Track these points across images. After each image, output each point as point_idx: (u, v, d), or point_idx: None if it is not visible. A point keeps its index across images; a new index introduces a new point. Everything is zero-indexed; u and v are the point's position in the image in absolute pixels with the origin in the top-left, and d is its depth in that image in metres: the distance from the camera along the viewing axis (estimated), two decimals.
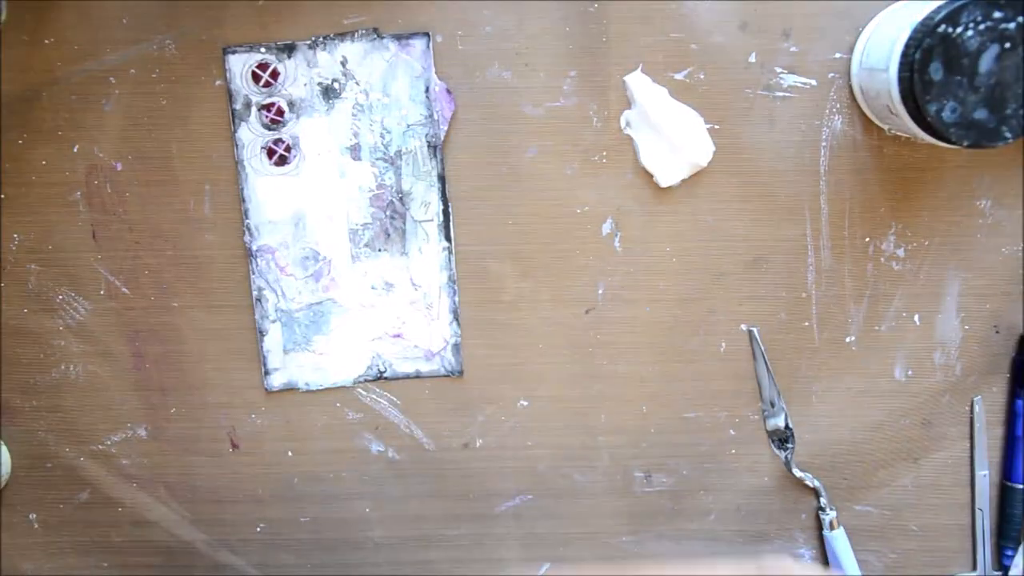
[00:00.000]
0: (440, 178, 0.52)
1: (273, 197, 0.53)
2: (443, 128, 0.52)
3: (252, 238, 0.53)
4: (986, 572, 0.55)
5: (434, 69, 0.51)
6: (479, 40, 0.51)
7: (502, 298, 0.54)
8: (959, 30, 0.41)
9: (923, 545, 0.55)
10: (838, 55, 0.50)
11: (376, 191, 0.53)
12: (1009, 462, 0.54)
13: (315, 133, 0.52)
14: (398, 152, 0.52)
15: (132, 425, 0.56)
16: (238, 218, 0.53)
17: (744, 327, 0.54)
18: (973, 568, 0.55)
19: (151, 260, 0.54)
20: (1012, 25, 0.41)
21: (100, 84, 0.52)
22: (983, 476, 0.54)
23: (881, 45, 0.46)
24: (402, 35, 0.51)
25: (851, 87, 0.50)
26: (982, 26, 0.41)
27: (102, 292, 0.54)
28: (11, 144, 0.53)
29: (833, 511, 0.54)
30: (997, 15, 0.41)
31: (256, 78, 0.51)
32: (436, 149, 0.52)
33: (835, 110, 0.51)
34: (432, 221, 0.53)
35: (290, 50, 0.51)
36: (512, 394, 0.55)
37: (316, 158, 0.52)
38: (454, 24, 0.51)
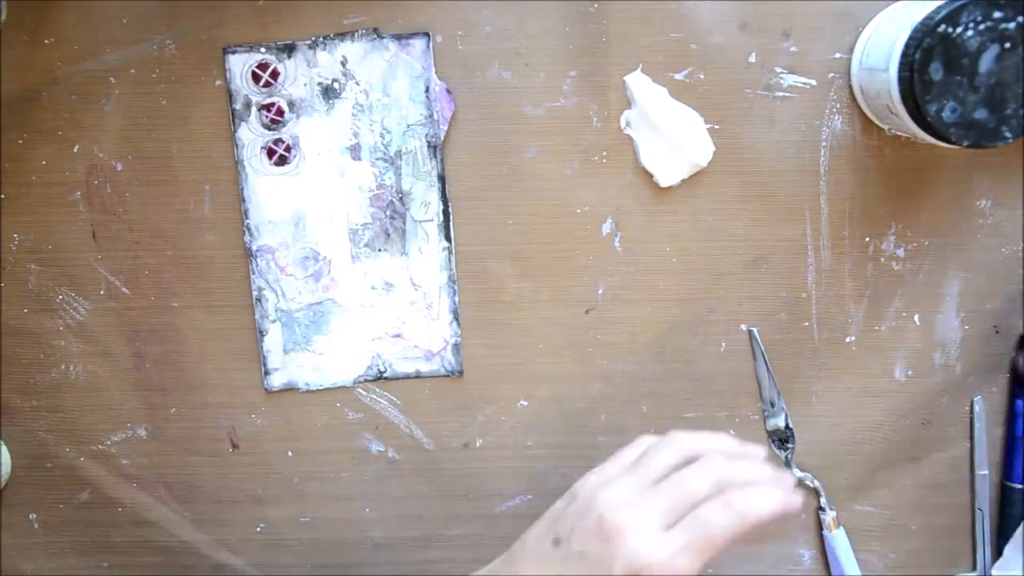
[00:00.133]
0: (440, 178, 0.52)
1: (273, 197, 0.53)
2: (443, 128, 0.52)
3: (252, 238, 0.53)
4: (986, 572, 0.55)
5: (434, 69, 0.51)
6: (479, 40, 0.51)
7: (502, 298, 0.54)
8: (959, 30, 0.41)
9: (923, 545, 0.55)
10: (838, 55, 0.50)
11: (376, 191, 0.53)
12: (1009, 462, 0.53)
13: (315, 133, 0.52)
14: (398, 152, 0.52)
15: (132, 425, 0.56)
16: (238, 218, 0.53)
17: (744, 327, 0.54)
18: (973, 568, 0.55)
19: (151, 260, 0.54)
20: (1012, 25, 0.41)
21: (100, 84, 0.52)
22: (983, 476, 0.54)
23: (881, 45, 0.46)
24: (402, 35, 0.51)
25: (851, 87, 0.50)
26: (982, 26, 0.41)
27: (102, 292, 0.54)
28: (11, 144, 0.53)
29: (833, 511, 0.54)
30: (997, 15, 0.41)
31: (256, 78, 0.51)
32: (436, 149, 0.52)
33: (835, 110, 0.51)
34: (432, 221, 0.53)
35: (290, 50, 0.51)
36: (512, 394, 0.55)
37: (316, 158, 0.52)
38: (454, 24, 0.51)
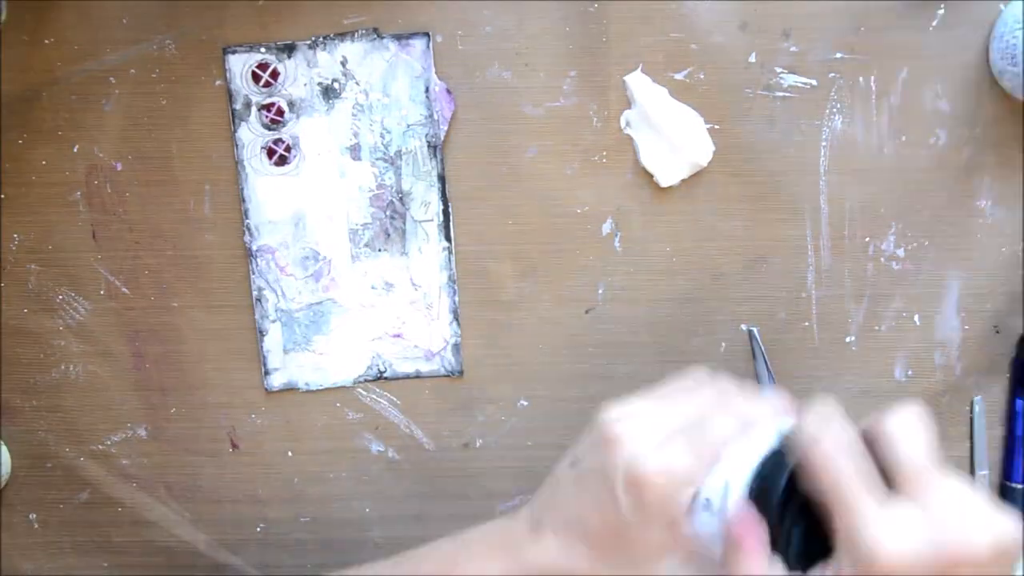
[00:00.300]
0: (440, 178, 0.52)
1: (273, 197, 0.53)
2: (443, 128, 0.52)
3: (252, 238, 0.53)
4: None
5: (434, 69, 0.51)
6: (479, 40, 0.51)
7: (502, 298, 0.54)
8: None
9: None
10: (838, 55, 0.50)
11: (376, 191, 0.52)
12: (1009, 462, 0.53)
13: (315, 133, 0.52)
14: (398, 152, 0.52)
15: (132, 425, 0.56)
16: (238, 218, 0.53)
17: (744, 327, 0.53)
18: None
19: (151, 260, 0.54)
20: None
21: (100, 84, 0.52)
22: (983, 476, 0.54)
23: None
24: (402, 35, 0.51)
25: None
26: None
27: (102, 292, 0.54)
28: (11, 144, 0.53)
29: None
30: None
31: (256, 78, 0.51)
32: (436, 149, 0.52)
33: (835, 110, 0.51)
34: (432, 221, 0.53)
35: (290, 50, 0.51)
36: (512, 394, 0.55)
37: (316, 158, 0.52)
38: (454, 24, 0.51)
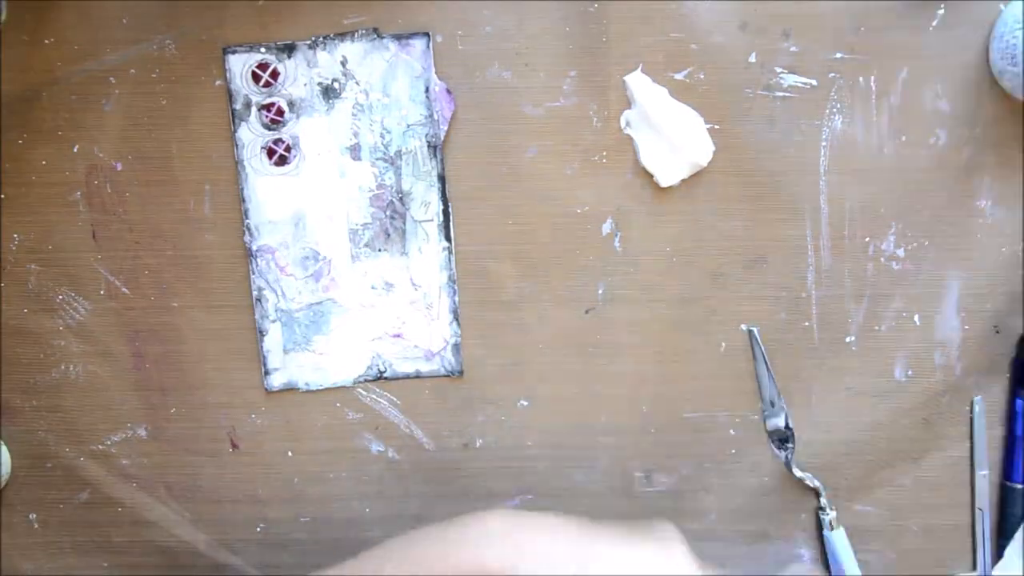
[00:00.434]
0: (440, 178, 0.52)
1: (273, 197, 0.53)
2: (443, 128, 0.52)
3: (252, 238, 0.53)
4: (986, 572, 0.55)
5: (434, 69, 0.51)
6: (479, 40, 0.51)
7: (502, 298, 0.54)
8: None
9: (923, 545, 0.55)
10: (838, 55, 0.50)
11: (376, 191, 0.52)
12: (1009, 462, 0.53)
13: (315, 133, 0.52)
14: (398, 152, 0.52)
15: (132, 425, 0.56)
16: (238, 218, 0.53)
17: (744, 327, 0.54)
18: (973, 568, 0.55)
19: (151, 260, 0.54)
20: None
21: (100, 84, 0.52)
22: (983, 476, 0.54)
23: None
24: (402, 35, 0.51)
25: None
26: None
27: (102, 292, 0.54)
28: (11, 144, 0.53)
29: (833, 511, 0.54)
30: None
31: (256, 78, 0.51)
32: (436, 149, 0.52)
33: (835, 110, 0.51)
34: (432, 221, 0.53)
35: (290, 50, 0.51)
36: (512, 394, 0.55)
37: (316, 158, 0.52)
38: (454, 24, 0.51)
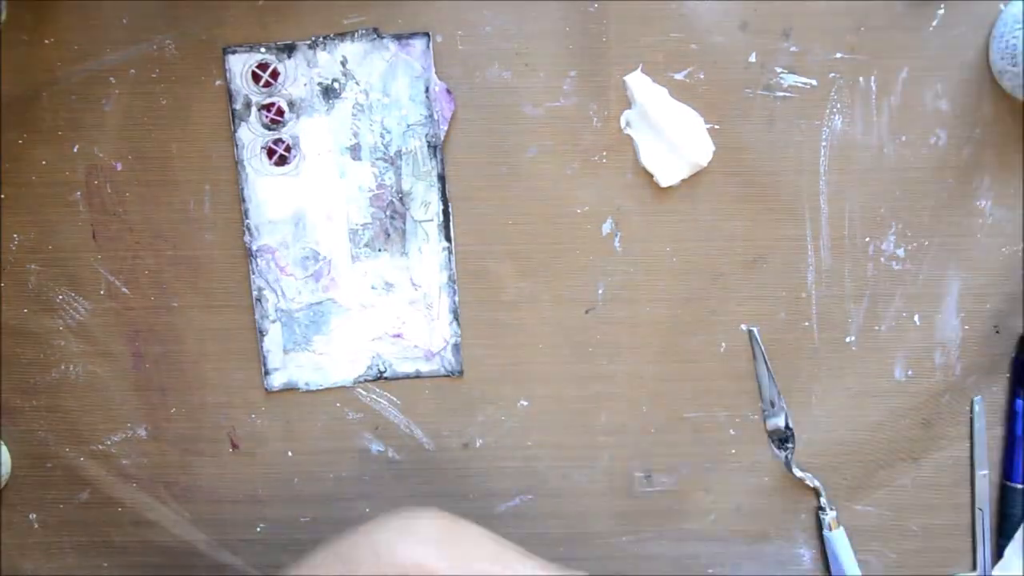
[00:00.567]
0: (440, 178, 0.52)
1: (273, 197, 0.53)
2: (443, 128, 0.52)
3: (252, 238, 0.53)
4: (986, 572, 0.55)
5: (434, 69, 0.51)
6: (479, 40, 0.51)
7: (502, 298, 0.54)
8: None
9: (923, 545, 0.55)
10: (838, 55, 0.50)
11: (376, 191, 0.52)
12: (1009, 462, 0.53)
13: (315, 133, 0.52)
14: (398, 152, 0.52)
15: (132, 425, 0.56)
16: (238, 218, 0.53)
17: (744, 327, 0.54)
18: (973, 568, 0.55)
19: (151, 260, 0.54)
20: None
21: (100, 84, 0.52)
22: (983, 476, 0.54)
23: None
24: (402, 35, 0.51)
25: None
26: None
27: (102, 292, 0.54)
28: (11, 144, 0.53)
29: (833, 511, 0.54)
30: None
31: (256, 78, 0.51)
32: (436, 149, 0.52)
33: (835, 110, 0.51)
34: (432, 221, 0.53)
35: (290, 50, 0.51)
36: (512, 394, 0.55)
37: (316, 158, 0.52)
38: (454, 24, 0.51)
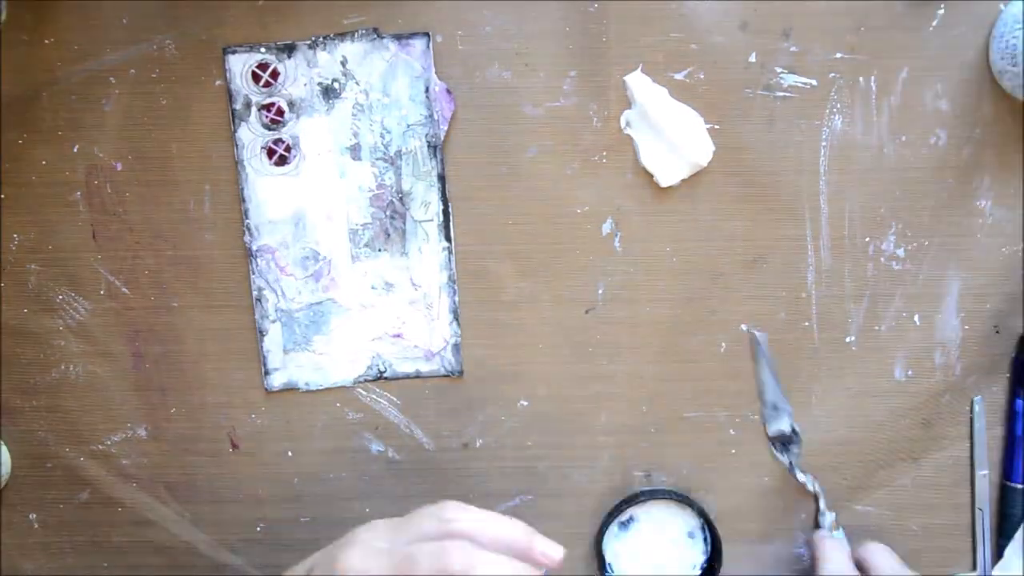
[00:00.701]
0: (440, 178, 0.52)
1: (273, 197, 0.53)
2: (443, 128, 0.52)
3: (252, 238, 0.53)
4: (986, 572, 0.55)
5: (434, 69, 0.51)
6: (479, 40, 0.51)
7: (502, 298, 0.54)
8: None
9: (923, 545, 0.55)
10: (838, 55, 0.50)
11: (376, 191, 0.52)
12: (1009, 462, 0.53)
13: (315, 133, 0.52)
14: (398, 152, 0.52)
15: (132, 425, 0.56)
16: (238, 218, 0.53)
17: (744, 327, 0.53)
18: (973, 568, 0.55)
19: (151, 260, 0.54)
20: None
21: (100, 84, 0.52)
22: (983, 476, 0.54)
23: None
24: (402, 35, 0.51)
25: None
26: None
27: (102, 292, 0.54)
28: (11, 144, 0.53)
29: (833, 513, 0.54)
30: None
31: (256, 78, 0.51)
32: (436, 149, 0.52)
33: (835, 110, 0.51)
34: (432, 221, 0.53)
35: (290, 50, 0.51)
36: (512, 394, 0.55)
37: (316, 158, 0.52)
38: (454, 24, 0.51)
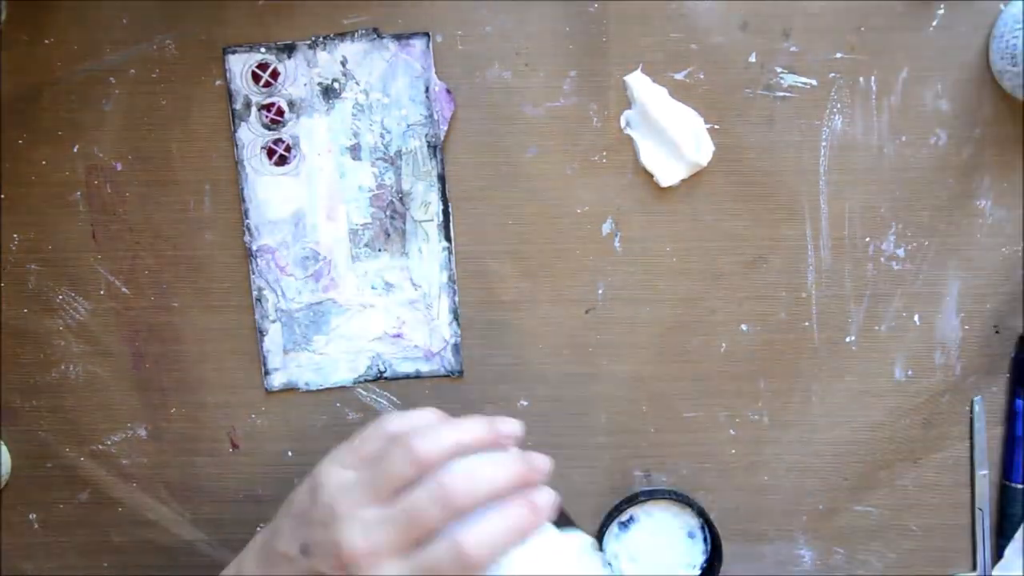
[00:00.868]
0: (440, 178, 0.52)
1: (273, 197, 0.53)
2: (443, 128, 0.52)
3: (252, 238, 0.53)
4: (986, 572, 0.55)
5: (434, 69, 0.51)
6: (479, 40, 0.51)
7: (502, 298, 0.54)
8: None
9: (923, 545, 0.55)
10: (838, 55, 0.50)
11: (376, 191, 0.52)
12: (1009, 462, 0.53)
13: (315, 133, 0.52)
14: (398, 152, 0.52)
15: (132, 425, 0.56)
16: (238, 218, 0.53)
17: (744, 327, 0.53)
18: (973, 568, 0.55)
19: (151, 260, 0.54)
20: None
21: (100, 84, 0.52)
22: (983, 476, 0.54)
23: None
24: (402, 35, 0.51)
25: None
26: None
27: (102, 292, 0.54)
28: (11, 144, 0.53)
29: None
30: None
31: (256, 78, 0.51)
32: (436, 149, 0.52)
33: (835, 110, 0.51)
34: (432, 221, 0.53)
35: (290, 50, 0.51)
36: (512, 394, 0.55)
37: (316, 158, 0.52)
38: (454, 24, 0.51)
